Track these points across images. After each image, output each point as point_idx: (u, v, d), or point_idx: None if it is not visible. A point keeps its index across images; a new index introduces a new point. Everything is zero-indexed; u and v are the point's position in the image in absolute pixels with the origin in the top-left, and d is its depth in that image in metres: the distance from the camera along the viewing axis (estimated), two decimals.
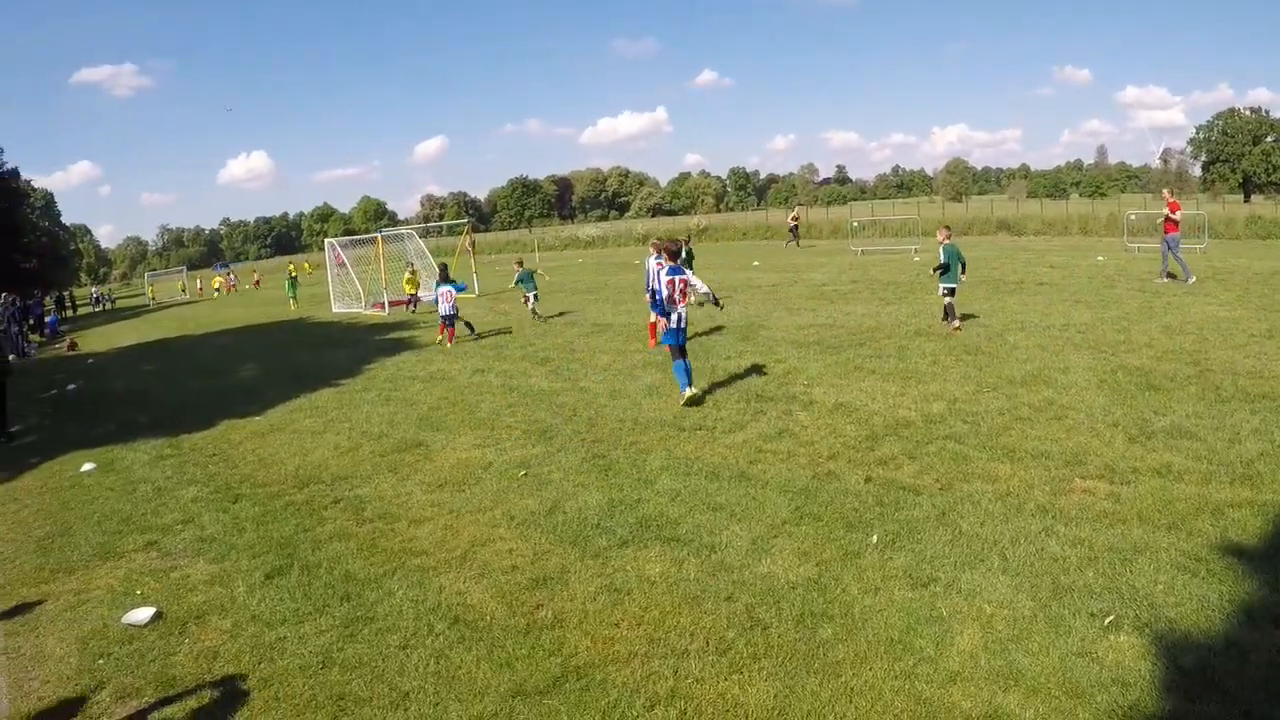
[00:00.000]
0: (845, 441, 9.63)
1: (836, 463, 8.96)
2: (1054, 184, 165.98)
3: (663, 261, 12.81)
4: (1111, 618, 5.47)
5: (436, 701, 5.39)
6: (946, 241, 16.72)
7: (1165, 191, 23.94)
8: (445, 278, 21.25)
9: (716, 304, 13.07)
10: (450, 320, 20.71)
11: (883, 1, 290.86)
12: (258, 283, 75.19)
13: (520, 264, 25.35)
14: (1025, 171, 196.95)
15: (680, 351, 12.17)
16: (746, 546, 7.09)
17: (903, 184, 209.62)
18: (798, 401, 11.57)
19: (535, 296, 23.73)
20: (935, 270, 16.76)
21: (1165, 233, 22.25)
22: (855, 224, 49.14)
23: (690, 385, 12.02)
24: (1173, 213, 22.23)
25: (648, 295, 16.37)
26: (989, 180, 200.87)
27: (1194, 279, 20.87)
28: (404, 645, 6.16)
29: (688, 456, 9.70)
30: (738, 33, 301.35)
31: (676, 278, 12.20)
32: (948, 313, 16.35)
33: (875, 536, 7.02)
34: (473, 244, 65.25)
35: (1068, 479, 7.95)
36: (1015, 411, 10.23)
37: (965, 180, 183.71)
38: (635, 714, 5.06)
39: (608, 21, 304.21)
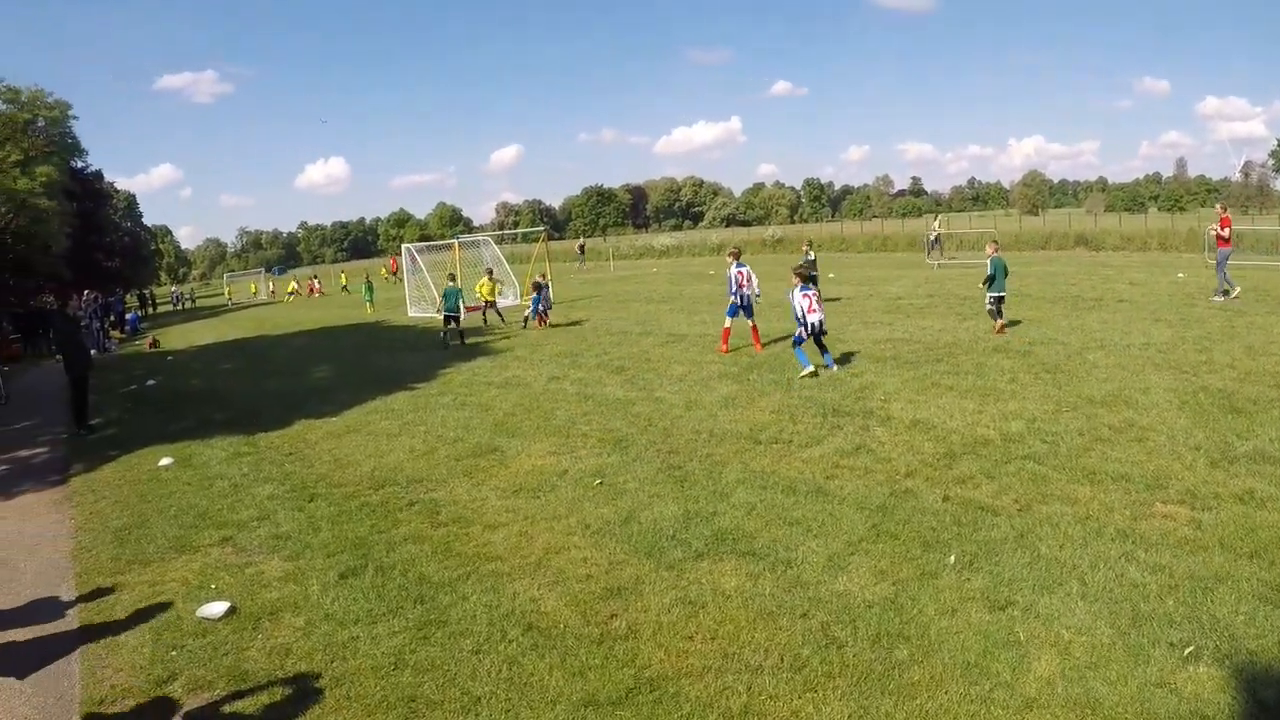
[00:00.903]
0: (923, 459, 9.53)
1: (914, 480, 8.87)
2: (1132, 198, 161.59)
3: (796, 281, 14.86)
4: (1191, 648, 5.36)
5: (508, 708, 5.41)
6: (995, 254, 18.51)
7: (1217, 206, 23.72)
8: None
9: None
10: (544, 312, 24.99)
11: (959, 10, 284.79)
12: (312, 289, 75.41)
13: (543, 276, 28.49)
14: (1103, 185, 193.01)
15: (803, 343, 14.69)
16: (823, 563, 7.05)
17: (978, 196, 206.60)
18: (875, 417, 11.47)
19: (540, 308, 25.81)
20: (983, 283, 18.50)
21: (1216, 247, 21.96)
22: (930, 237, 48.50)
23: (810, 366, 14.33)
24: (1223, 229, 22.08)
25: (733, 297, 17.38)
26: (1066, 193, 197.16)
27: (1222, 299, 20.69)
28: (477, 650, 6.20)
29: (764, 470, 9.64)
30: (812, 42, 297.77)
31: (809, 293, 14.56)
32: (994, 316, 18.17)
33: (953, 557, 6.93)
34: (582, 248, 65.70)
35: (1148, 503, 7.79)
36: (1095, 432, 10.05)
37: (1042, 193, 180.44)
38: None
39: (683, 31, 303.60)
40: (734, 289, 17.44)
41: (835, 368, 14.59)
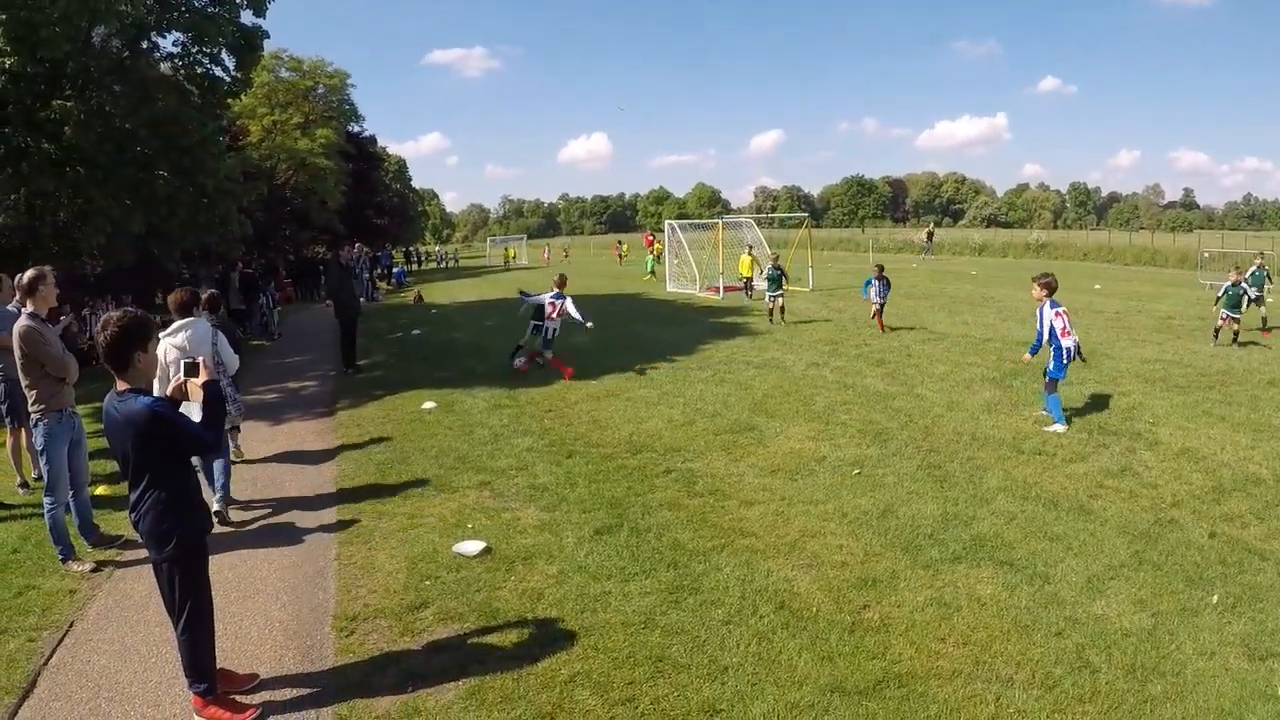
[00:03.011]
0: (1190, 490, 9.13)
1: (1180, 511, 8.52)
2: None
3: (1043, 298, 11.78)
4: None
5: (754, 682, 5.54)
6: (1237, 280, 19.42)
7: None
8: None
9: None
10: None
11: (1241, 6, 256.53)
12: (547, 258, 77.81)
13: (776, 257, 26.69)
14: None
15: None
16: (1081, 583, 6.91)
17: (1254, 215, 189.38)
18: (1142, 440, 11.04)
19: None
20: (1218, 300, 19.84)
21: None
22: (1205, 255, 45.48)
23: (1065, 425, 11.60)
24: None
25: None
26: None
27: None
28: (727, 621, 6.36)
29: (1026, 480, 9.48)
30: (1083, 38, 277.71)
31: (1060, 310, 11.64)
32: (1219, 333, 19.31)
33: (1215, 596, 6.67)
34: (930, 235, 65.08)
35: None
36: None
37: None
38: None
39: (949, 23, 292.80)
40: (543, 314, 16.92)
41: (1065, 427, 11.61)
